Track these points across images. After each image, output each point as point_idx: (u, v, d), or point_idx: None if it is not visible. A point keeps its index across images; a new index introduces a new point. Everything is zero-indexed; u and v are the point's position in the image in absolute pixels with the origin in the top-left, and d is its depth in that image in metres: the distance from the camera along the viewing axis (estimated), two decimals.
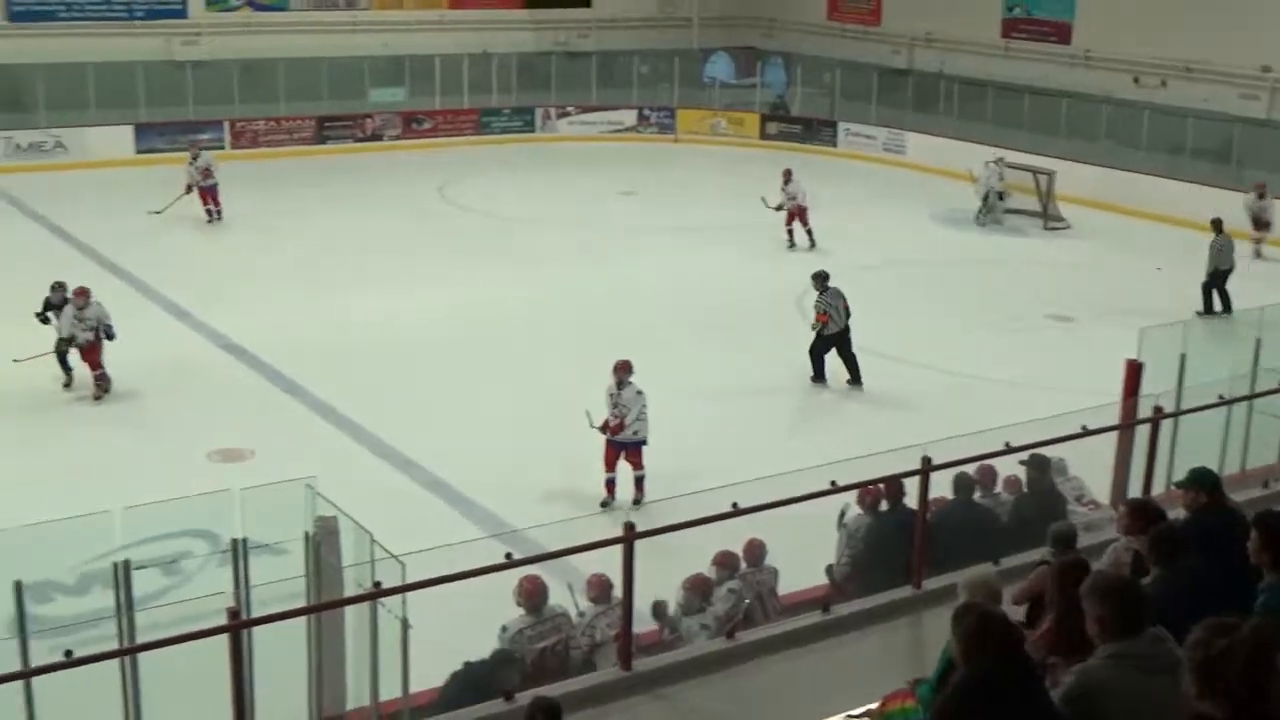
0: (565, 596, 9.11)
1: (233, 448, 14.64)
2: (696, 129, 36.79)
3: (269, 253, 23.88)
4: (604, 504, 13.38)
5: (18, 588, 7.52)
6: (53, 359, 16.57)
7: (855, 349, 17.37)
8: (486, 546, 11.97)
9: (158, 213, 25.17)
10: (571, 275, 22.38)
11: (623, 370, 13.62)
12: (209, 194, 25.67)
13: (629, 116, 37.26)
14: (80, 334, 16.20)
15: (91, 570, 10.38)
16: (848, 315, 17.32)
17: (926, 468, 8.53)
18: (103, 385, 16.34)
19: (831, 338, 17.33)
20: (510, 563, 7.58)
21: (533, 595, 8.65)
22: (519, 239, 25.32)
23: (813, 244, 24.26)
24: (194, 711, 7.65)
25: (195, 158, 25.90)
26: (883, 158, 33.94)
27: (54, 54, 31.26)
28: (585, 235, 25.51)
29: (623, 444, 13.49)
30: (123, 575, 7.77)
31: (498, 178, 31.63)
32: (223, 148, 32.58)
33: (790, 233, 24.49)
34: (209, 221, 25.50)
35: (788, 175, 24.78)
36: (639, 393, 13.51)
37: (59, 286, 16.92)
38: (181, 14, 33.70)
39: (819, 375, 17.51)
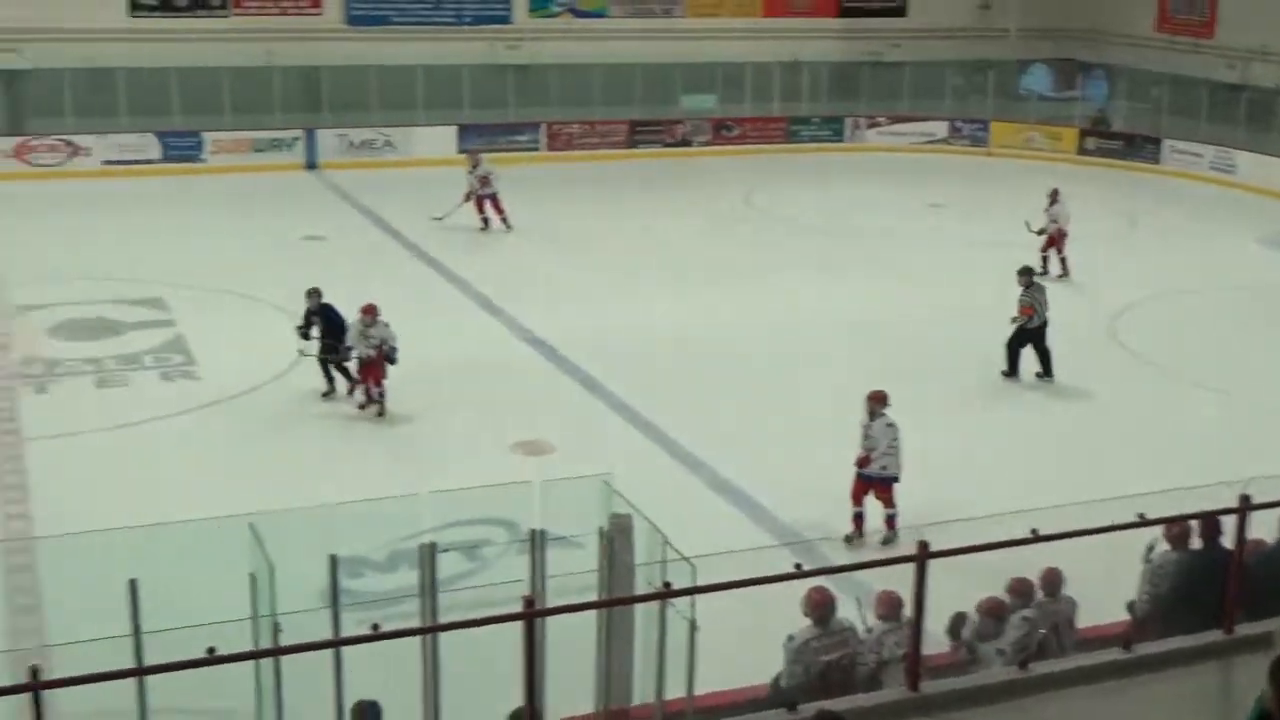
0: (853, 611, 9.01)
1: (535, 440, 15.08)
2: (1010, 143, 35.84)
3: (578, 251, 24.52)
4: (847, 538, 12.89)
5: (333, 561, 7.91)
6: (342, 362, 16.61)
7: (1050, 344, 17.65)
8: (775, 555, 12.04)
9: (439, 219, 25.49)
10: (871, 287, 22.11)
11: (875, 401, 13.12)
12: (488, 202, 25.66)
13: (940, 128, 36.63)
14: (362, 349, 16.03)
15: (400, 550, 10.85)
16: (1046, 309, 17.64)
17: (1245, 506, 8.06)
18: (380, 401, 16.06)
19: (1030, 331, 17.58)
20: (801, 573, 7.53)
21: (820, 607, 8.57)
22: (822, 248, 25.22)
23: (1065, 272, 22.68)
24: (488, 692, 7.90)
25: (475, 166, 25.93)
26: (1209, 176, 32.27)
27: (387, 57, 32.96)
28: (888, 248, 25.20)
29: (870, 478, 13.08)
30: (428, 557, 8.08)
31: (804, 186, 31.60)
32: (538, 149, 33.77)
33: (1045, 259, 22.70)
34: (482, 229, 25.57)
35: (1054, 196, 23.10)
36: (889, 425, 12.94)
37: (314, 293, 16.77)
38: (506, 20, 35.00)
39: (1012, 370, 17.70)
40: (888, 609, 8.76)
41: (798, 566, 7.57)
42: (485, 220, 25.74)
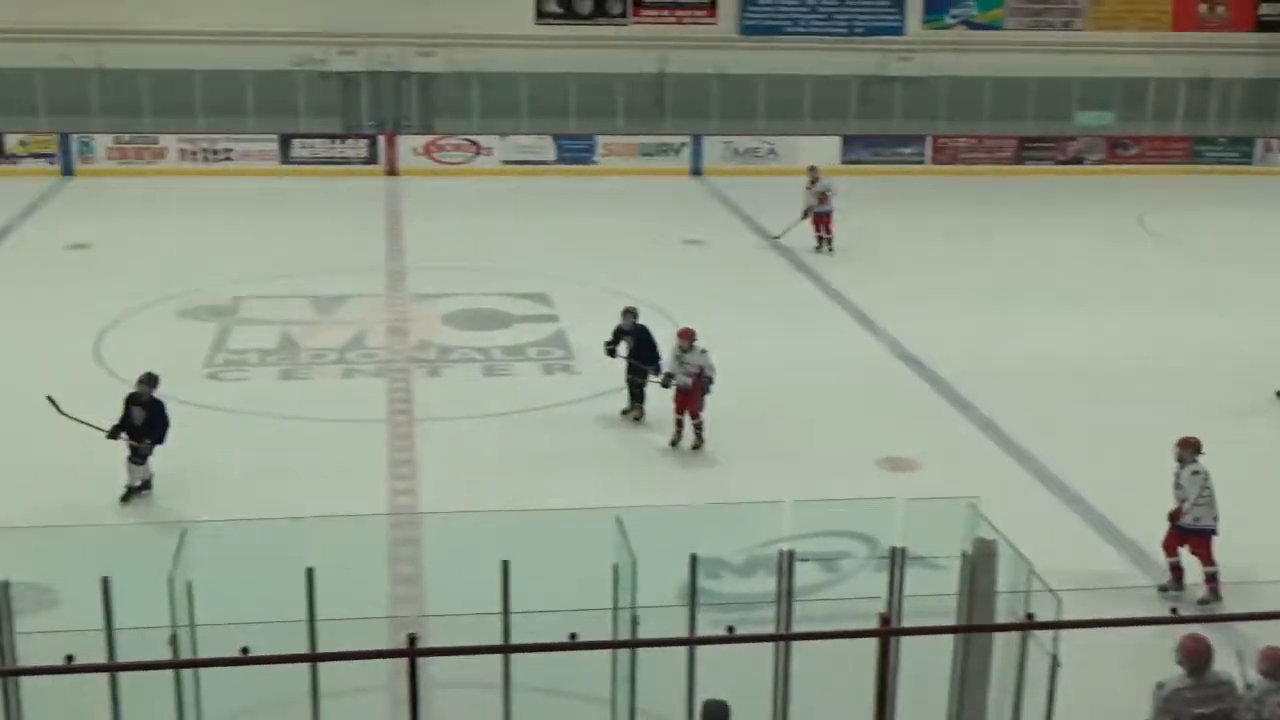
0: (1232, 664, 8.45)
1: (902, 457, 14.86)
2: None
3: (957, 267, 24.04)
4: (1162, 588, 11.92)
5: (693, 560, 8.05)
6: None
7: None
8: (1145, 595, 11.46)
9: (776, 237, 25.14)
10: (1268, 324, 20.66)
11: (1184, 448, 12.02)
12: (823, 220, 24.77)
13: None
14: (679, 376, 15.09)
15: (759, 555, 10.95)
16: None
17: None
18: (697, 433, 15.09)
19: None
20: (1176, 618, 7.16)
21: (1195, 656, 8.07)
22: (1216, 278, 23.77)
23: None
24: (837, 705, 7.87)
25: (813, 182, 24.99)
26: None
27: (776, 66, 33.33)
28: None
29: (1185, 531, 11.98)
30: (787, 565, 8.11)
31: (1205, 211, 29.92)
32: (922, 163, 33.37)
33: None
34: (817, 250, 24.71)
35: None
36: (1195, 473, 11.90)
37: (630, 311, 16.10)
38: (898, 31, 34.72)
39: None
40: (1273, 665, 8.17)
41: (1173, 611, 7.20)
42: (820, 239, 24.87)
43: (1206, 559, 11.98)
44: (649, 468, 14.64)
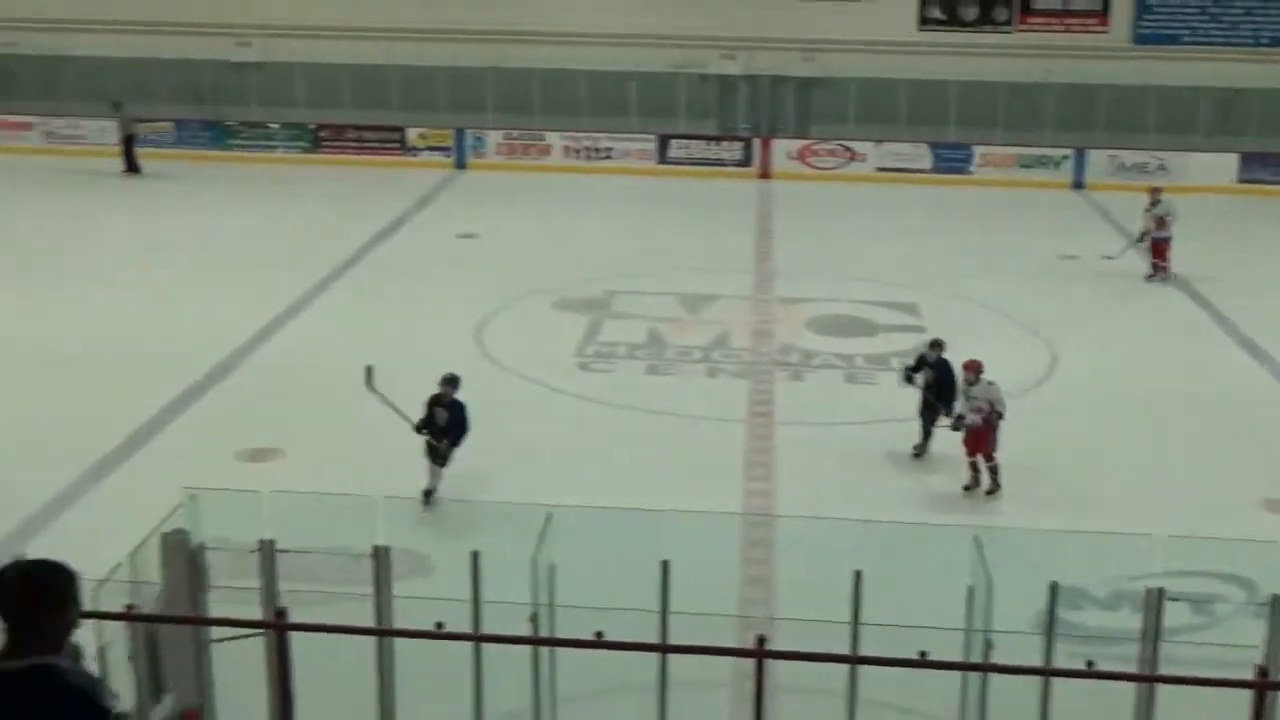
0: None
1: None
2: None
3: None
4: None
5: (1053, 589, 7.78)
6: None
7: None
8: None
9: (1109, 258, 23.45)
10: None
11: None
12: (1161, 247, 22.70)
13: None
14: (969, 415, 13.81)
15: (1124, 589, 10.47)
16: None
17: None
18: (993, 478, 13.90)
19: None
20: None
21: None
22: None
23: None
24: None
25: (1154, 203, 22.87)
26: None
27: (1170, 77, 31.77)
28: None
29: None
30: (1155, 602, 7.73)
31: None
32: None
33: None
34: (1150, 278, 22.74)
35: None
36: None
37: (936, 344, 14.99)
38: None
39: None
40: None
41: None
42: (1155, 267, 22.85)
43: None
44: (955, 493, 14.23)
